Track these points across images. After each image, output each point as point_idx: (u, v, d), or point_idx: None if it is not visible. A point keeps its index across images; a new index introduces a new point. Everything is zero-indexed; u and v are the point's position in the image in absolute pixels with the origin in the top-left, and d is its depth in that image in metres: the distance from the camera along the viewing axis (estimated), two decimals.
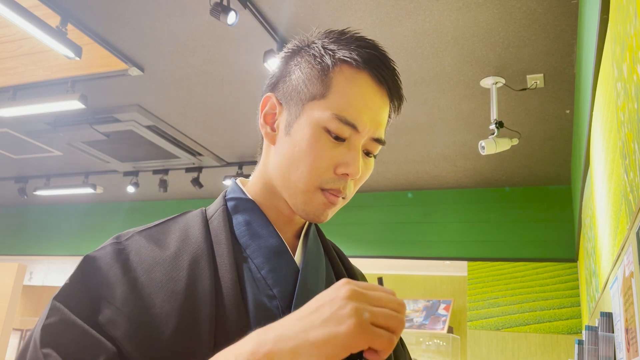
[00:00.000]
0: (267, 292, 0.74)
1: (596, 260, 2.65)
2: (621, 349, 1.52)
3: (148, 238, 0.75)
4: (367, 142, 0.79)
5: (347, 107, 0.76)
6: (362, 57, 0.78)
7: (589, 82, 2.23)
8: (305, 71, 0.79)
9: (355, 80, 0.77)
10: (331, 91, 0.76)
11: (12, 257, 7.22)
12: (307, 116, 0.77)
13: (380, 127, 0.79)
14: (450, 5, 2.73)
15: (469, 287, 5.27)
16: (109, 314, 0.65)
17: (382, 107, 0.79)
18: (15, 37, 3.25)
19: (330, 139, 0.76)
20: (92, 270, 0.69)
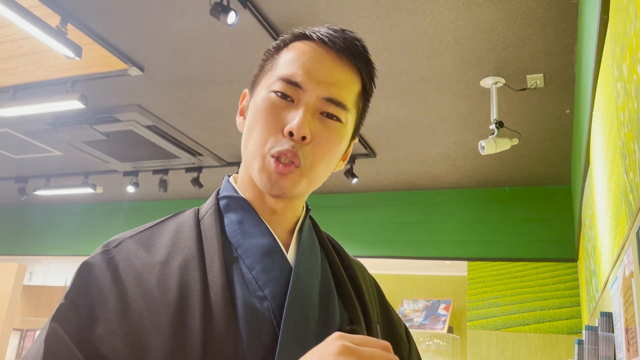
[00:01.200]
0: (258, 293, 0.72)
1: (596, 260, 2.65)
2: (621, 349, 1.52)
3: (138, 243, 0.74)
4: (320, 103, 0.77)
5: (291, 68, 0.78)
6: (315, 33, 0.80)
7: (589, 82, 2.23)
8: (269, 58, 0.83)
9: (302, 47, 0.80)
10: (279, 63, 0.80)
11: (12, 257, 7.22)
12: (261, 86, 0.81)
13: (334, 87, 0.78)
14: (450, 5, 2.73)
15: (469, 287, 5.27)
16: (101, 331, 0.64)
17: (334, 67, 0.79)
18: (15, 37, 3.25)
19: (279, 101, 0.77)
20: (85, 283, 0.69)
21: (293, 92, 0.76)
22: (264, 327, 0.70)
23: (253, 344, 0.68)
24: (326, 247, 0.88)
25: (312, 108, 0.77)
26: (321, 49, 0.79)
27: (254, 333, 0.68)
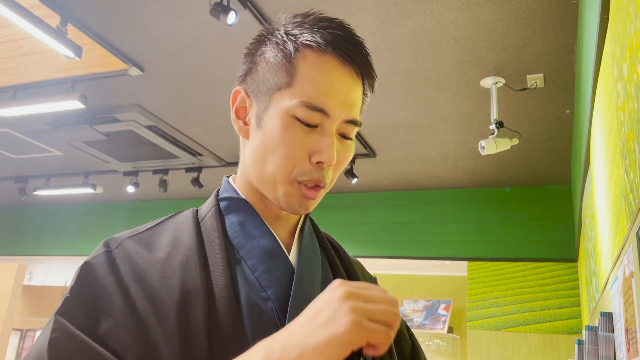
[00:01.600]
0: (262, 294, 0.72)
1: (596, 260, 2.65)
2: (621, 349, 1.52)
3: (138, 243, 0.73)
4: (341, 126, 0.77)
5: (314, 92, 0.74)
6: (325, 38, 0.76)
7: (589, 82, 2.23)
8: (269, 61, 0.77)
9: (320, 63, 0.75)
10: (297, 78, 0.75)
11: (12, 257, 7.22)
12: (275, 106, 0.75)
13: (353, 109, 0.77)
14: (450, 5, 2.73)
15: (469, 287, 5.27)
16: (109, 326, 0.64)
17: (353, 87, 0.77)
18: (15, 37, 3.25)
19: (302, 126, 0.74)
20: (89, 280, 0.68)
21: (317, 119, 0.74)
22: (269, 327, 0.70)
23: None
24: (326, 248, 0.88)
25: (334, 132, 0.76)
26: (340, 66, 0.76)
27: (258, 333, 0.68)
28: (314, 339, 0.55)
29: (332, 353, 0.54)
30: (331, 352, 0.54)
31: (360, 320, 0.55)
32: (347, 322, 0.54)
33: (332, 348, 0.54)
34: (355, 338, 0.54)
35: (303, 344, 0.55)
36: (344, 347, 0.54)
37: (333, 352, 0.54)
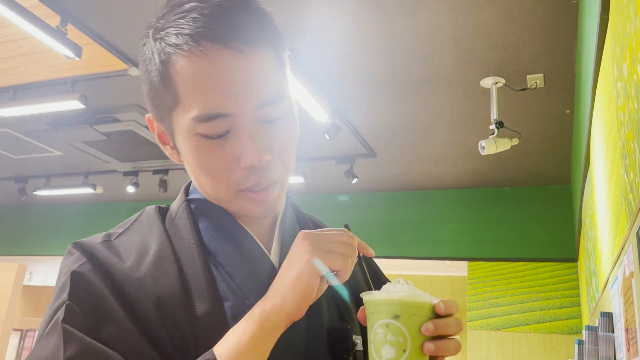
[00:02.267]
0: (245, 301, 0.69)
1: (596, 260, 2.65)
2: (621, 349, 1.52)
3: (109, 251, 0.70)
4: (257, 114, 0.66)
5: (199, 100, 0.64)
6: (183, 30, 0.63)
7: (589, 82, 2.23)
8: (147, 83, 0.69)
9: (192, 66, 0.63)
10: (179, 93, 0.65)
11: (12, 257, 7.22)
12: (177, 130, 0.68)
13: (260, 89, 0.65)
14: (450, 5, 2.73)
15: (469, 287, 5.27)
16: (113, 330, 0.63)
17: (244, 70, 0.64)
18: (15, 37, 3.25)
19: (211, 140, 0.66)
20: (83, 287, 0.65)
21: (222, 126, 0.65)
22: None
23: None
24: None
25: (252, 124, 0.66)
26: (210, 55, 0.63)
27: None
28: (287, 278, 0.65)
29: (304, 284, 0.63)
30: (303, 283, 0.63)
31: (318, 252, 0.64)
32: (308, 255, 0.64)
33: (302, 279, 0.64)
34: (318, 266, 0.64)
35: (282, 286, 0.65)
36: (311, 276, 0.63)
37: (304, 283, 0.63)
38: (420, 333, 0.63)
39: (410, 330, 0.63)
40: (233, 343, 0.63)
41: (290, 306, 0.63)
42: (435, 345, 0.63)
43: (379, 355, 0.64)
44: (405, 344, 0.63)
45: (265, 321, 0.63)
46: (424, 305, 0.64)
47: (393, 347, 0.63)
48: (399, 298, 0.64)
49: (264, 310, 0.64)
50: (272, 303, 0.64)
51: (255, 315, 0.64)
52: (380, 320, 0.64)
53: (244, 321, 0.65)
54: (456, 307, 0.66)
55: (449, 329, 0.65)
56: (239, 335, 0.63)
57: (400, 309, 0.64)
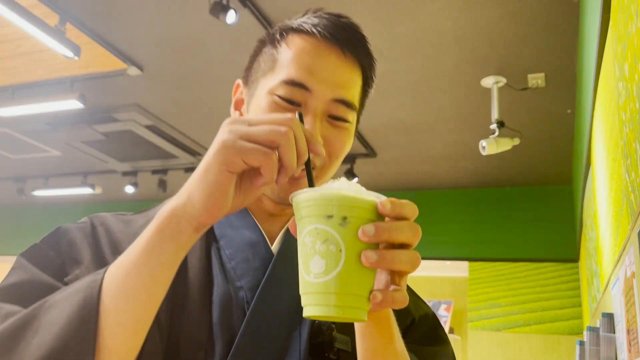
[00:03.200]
0: (235, 283, 0.71)
1: (597, 261, 2.64)
2: (622, 349, 1.51)
3: (119, 221, 0.75)
4: (329, 106, 0.73)
5: (294, 69, 0.72)
6: (313, 23, 0.74)
7: (590, 82, 2.22)
8: (261, 52, 0.78)
9: (303, 44, 0.74)
10: (279, 60, 0.74)
11: (11, 257, 7.21)
12: (260, 90, 0.75)
13: (342, 88, 0.73)
14: (450, 4, 2.72)
15: (470, 287, 5.27)
16: (77, 273, 0.65)
17: (340, 66, 0.74)
18: (14, 37, 3.25)
19: (283, 106, 0.71)
20: (65, 237, 0.70)
21: (299, 95, 0.71)
22: (236, 316, 0.69)
23: (223, 331, 0.67)
24: None
25: (321, 112, 0.73)
26: (323, 45, 0.74)
27: (224, 320, 0.68)
28: (196, 173, 0.55)
29: (210, 180, 0.53)
30: (209, 180, 0.53)
31: (231, 141, 0.53)
32: (218, 143, 0.54)
33: (209, 175, 0.53)
34: (227, 158, 0.53)
35: (189, 183, 0.56)
36: (219, 171, 0.53)
37: (210, 179, 0.53)
38: (358, 239, 0.50)
39: (345, 237, 0.50)
40: (127, 251, 0.56)
41: (196, 206, 0.54)
42: (379, 254, 0.50)
43: (307, 271, 0.51)
44: (339, 253, 0.50)
45: (165, 224, 0.54)
46: (363, 203, 0.51)
47: (323, 259, 0.50)
48: (330, 195, 0.51)
49: (164, 212, 0.55)
50: (175, 203, 0.56)
51: (156, 219, 0.56)
52: (309, 226, 0.52)
53: (146, 228, 0.57)
54: (411, 210, 0.53)
55: (399, 235, 0.51)
56: (136, 242, 0.56)
57: (333, 208, 0.50)
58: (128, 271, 0.55)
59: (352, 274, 0.50)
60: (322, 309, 0.51)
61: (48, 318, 0.54)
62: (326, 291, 0.50)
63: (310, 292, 0.51)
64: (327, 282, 0.50)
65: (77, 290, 0.56)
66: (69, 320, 0.53)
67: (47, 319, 0.54)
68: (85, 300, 0.54)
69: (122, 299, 0.54)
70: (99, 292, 0.54)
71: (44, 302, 0.56)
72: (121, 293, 0.54)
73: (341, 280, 0.50)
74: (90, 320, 0.53)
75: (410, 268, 0.52)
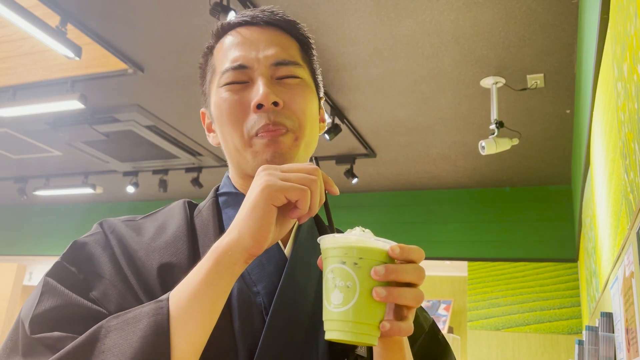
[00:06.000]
0: (253, 288, 0.73)
1: (596, 260, 2.65)
2: (621, 349, 1.52)
3: (130, 228, 0.77)
4: (273, 71, 0.78)
5: (227, 58, 0.79)
6: (232, 21, 0.83)
7: (589, 82, 2.23)
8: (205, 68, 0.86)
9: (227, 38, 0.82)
10: (216, 62, 0.82)
11: (12, 257, 7.22)
12: (213, 94, 0.82)
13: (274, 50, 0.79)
14: (450, 5, 2.73)
15: (469, 287, 5.27)
16: (102, 288, 0.68)
17: (265, 35, 0.80)
18: (14, 37, 3.25)
19: (233, 90, 0.77)
20: (84, 252, 0.72)
21: (242, 75, 0.78)
22: (256, 320, 0.71)
23: (245, 337, 0.69)
24: None
25: (267, 77, 0.77)
26: (246, 30, 0.81)
27: (245, 325, 0.69)
28: (243, 211, 0.62)
29: (258, 214, 0.61)
30: (257, 214, 0.61)
31: (273, 181, 0.62)
32: (262, 183, 0.62)
33: (257, 210, 0.61)
34: (272, 194, 0.61)
35: (239, 219, 0.62)
36: (265, 206, 0.61)
37: (258, 213, 0.61)
38: (370, 278, 0.60)
39: (360, 275, 0.60)
40: (188, 280, 0.62)
41: (246, 239, 0.61)
42: (387, 290, 0.59)
43: (329, 302, 0.61)
44: (354, 289, 0.60)
45: (221, 256, 0.61)
46: (374, 250, 0.62)
47: (342, 292, 0.60)
48: (347, 242, 0.62)
49: (220, 245, 0.62)
50: (228, 238, 0.62)
51: (212, 252, 0.62)
52: (331, 265, 0.62)
53: (202, 259, 0.63)
54: (418, 254, 0.62)
55: (405, 275, 0.60)
56: (195, 272, 0.62)
57: (349, 253, 0.61)
58: (192, 299, 0.60)
59: (364, 306, 0.60)
60: (340, 334, 0.60)
61: (111, 342, 0.58)
62: (343, 319, 0.60)
63: (330, 319, 0.61)
64: (344, 312, 0.60)
65: (141, 316, 0.60)
66: (142, 345, 0.57)
67: (110, 344, 0.58)
68: (157, 325, 0.59)
69: (189, 324, 0.60)
70: (168, 318, 0.59)
71: (99, 328, 0.60)
72: (188, 319, 0.60)
73: (355, 311, 0.60)
74: (164, 344, 0.58)
75: (414, 304, 0.61)
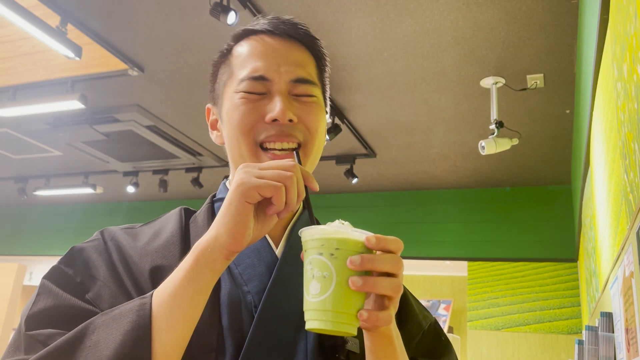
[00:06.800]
0: (243, 288, 0.75)
1: (596, 260, 2.65)
2: (621, 349, 1.52)
3: (128, 235, 0.80)
4: (290, 87, 0.79)
5: (249, 66, 0.79)
6: (254, 25, 0.83)
7: (589, 82, 2.23)
8: (217, 67, 0.86)
9: (249, 42, 0.82)
10: (234, 65, 0.82)
11: (12, 257, 7.22)
12: (227, 97, 0.82)
13: (297, 68, 0.80)
14: (450, 5, 2.73)
15: (469, 287, 5.27)
16: (96, 289, 0.70)
17: (289, 49, 0.81)
18: (15, 37, 3.25)
19: (249, 98, 0.78)
20: (80, 256, 0.75)
21: (261, 87, 0.78)
22: (245, 319, 0.72)
23: (234, 334, 0.70)
24: None
25: (284, 93, 0.78)
26: (269, 38, 0.81)
27: (235, 323, 0.71)
28: (221, 210, 0.63)
29: (233, 211, 0.62)
30: (232, 211, 0.62)
31: (247, 178, 0.62)
32: (236, 181, 0.63)
33: (232, 207, 0.62)
34: (245, 192, 0.61)
35: (218, 218, 0.64)
36: (239, 203, 0.62)
37: (233, 210, 0.62)
38: (347, 268, 0.61)
39: (336, 265, 0.61)
40: (170, 278, 0.64)
41: (224, 236, 0.62)
42: (363, 280, 0.60)
43: (307, 292, 0.63)
44: (331, 279, 0.61)
45: (201, 254, 0.62)
46: (350, 240, 0.62)
47: (319, 283, 0.62)
48: (324, 233, 0.63)
49: (200, 244, 0.63)
50: (208, 235, 0.63)
51: (193, 250, 0.64)
52: (309, 256, 0.64)
53: (184, 259, 0.65)
54: (395, 245, 0.64)
55: (382, 265, 0.61)
56: (177, 271, 0.64)
57: (326, 244, 0.62)
58: (173, 295, 0.62)
59: (342, 295, 0.61)
60: (319, 322, 0.62)
61: (97, 338, 0.60)
62: (321, 309, 0.61)
63: (309, 309, 0.63)
64: (321, 301, 0.61)
65: (126, 312, 0.62)
66: (124, 340, 0.59)
67: (96, 339, 0.60)
68: (139, 321, 0.61)
69: (170, 319, 0.61)
70: (150, 314, 0.61)
71: (88, 324, 0.62)
72: (169, 314, 0.61)
73: (333, 300, 0.61)
74: (145, 339, 0.60)
75: (392, 293, 0.62)
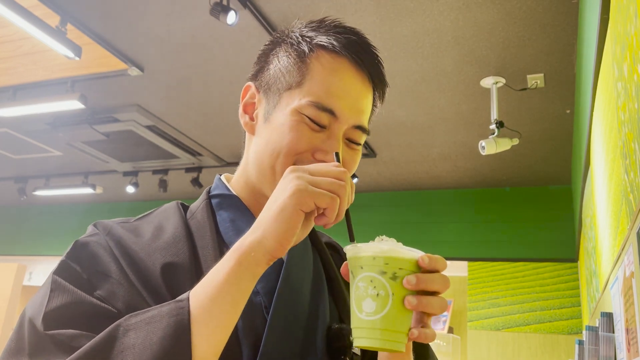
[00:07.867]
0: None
1: (596, 260, 2.65)
2: (622, 349, 1.52)
3: (126, 230, 0.76)
4: (349, 130, 0.77)
5: (324, 93, 0.74)
6: (341, 42, 0.77)
7: (589, 82, 2.23)
8: (283, 60, 0.79)
9: (332, 65, 0.76)
10: (308, 78, 0.75)
11: (12, 257, 7.22)
12: (285, 104, 0.76)
13: (362, 115, 0.77)
14: (450, 5, 2.73)
15: (469, 287, 5.27)
16: (109, 287, 0.67)
17: (363, 93, 0.77)
18: (14, 37, 3.25)
19: (309, 126, 0.74)
20: (86, 251, 0.71)
21: (326, 119, 0.74)
22: (257, 319, 0.71)
23: (248, 335, 0.69)
24: (319, 246, 0.88)
25: (342, 135, 0.76)
26: (353, 70, 0.76)
27: (247, 323, 0.70)
28: (269, 212, 0.61)
29: (285, 218, 0.60)
30: (284, 218, 0.60)
31: (303, 186, 0.61)
32: (292, 188, 0.61)
33: (285, 214, 0.60)
34: (301, 200, 0.60)
35: (263, 221, 0.62)
36: (293, 210, 0.60)
37: (286, 217, 0.60)
38: (403, 287, 0.62)
39: (392, 284, 0.62)
40: (208, 280, 0.62)
41: (270, 241, 0.60)
42: (418, 299, 0.62)
43: (360, 309, 0.62)
44: (387, 298, 0.62)
45: (243, 257, 0.61)
46: (406, 259, 0.63)
47: (374, 301, 0.62)
48: (381, 252, 0.63)
49: (243, 245, 0.61)
50: (252, 238, 0.62)
51: (234, 251, 0.62)
52: (362, 274, 0.63)
53: (223, 259, 0.63)
54: (443, 264, 0.66)
55: (433, 285, 0.63)
56: (215, 272, 0.62)
57: (383, 262, 0.62)
58: (213, 298, 0.60)
59: (395, 314, 0.62)
60: (370, 341, 0.62)
61: (130, 342, 0.58)
62: (374, 327, 0.62)
63: (361, 327, 0.63)
64: (375, 320, 0.62)
65: (162, 315, 0.60)
66: (163, 345, 0.57)
67: (129, 343, 0.58)
68: (177, 325, 0.58)
69: (210, 323, 0.59)
70: (189, 318, 0.59)
71: (117, 326, 0.60)
72: (209, 319, 0.59)
73: (387, 319, 0.62)
74: (185, 345, 0.58)
75: (439, 312, 0.64)
